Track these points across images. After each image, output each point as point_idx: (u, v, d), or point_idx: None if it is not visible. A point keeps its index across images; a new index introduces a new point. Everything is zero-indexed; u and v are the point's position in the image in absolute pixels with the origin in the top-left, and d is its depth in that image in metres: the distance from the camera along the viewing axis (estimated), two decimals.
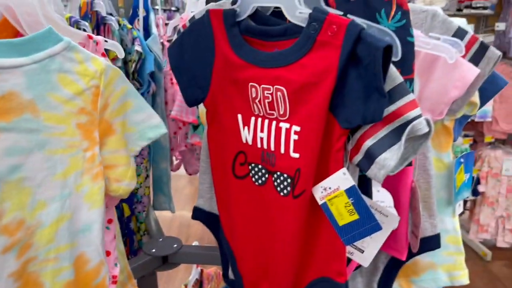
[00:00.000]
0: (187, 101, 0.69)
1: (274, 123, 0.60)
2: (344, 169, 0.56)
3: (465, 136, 2.53)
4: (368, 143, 0.55)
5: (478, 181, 2.45)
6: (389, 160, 0.54)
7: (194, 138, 1.18)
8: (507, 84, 0.76)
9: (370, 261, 0.66)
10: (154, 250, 0.99)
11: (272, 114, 0.60)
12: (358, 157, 0.57)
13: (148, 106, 0.64)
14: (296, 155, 0.59)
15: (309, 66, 0.56)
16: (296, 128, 0.58)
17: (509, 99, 2.33)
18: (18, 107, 0.52)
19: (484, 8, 2.23)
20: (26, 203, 0.53)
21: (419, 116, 0.52)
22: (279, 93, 0.58)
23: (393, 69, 0.53)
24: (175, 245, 1.01)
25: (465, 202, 2.61)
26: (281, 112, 0.59)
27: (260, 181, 0.65)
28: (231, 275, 0.78)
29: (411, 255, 0.75)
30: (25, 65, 0.53)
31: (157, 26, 1.15)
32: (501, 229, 2.50)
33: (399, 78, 0.54)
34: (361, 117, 0.54)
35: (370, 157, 0.55)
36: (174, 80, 1.17)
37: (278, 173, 0.62)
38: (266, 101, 0.60)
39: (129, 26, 1.04)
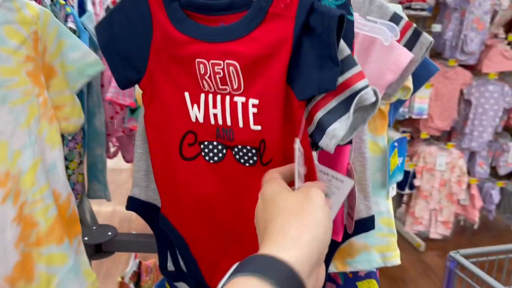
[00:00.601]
0: (119, 84, 0.65)
1: (227, 98, 0.59)
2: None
3: (403, 132, 2.65)
4: (319, 114, 0.56)
5: (414, 176, 2.58)
6: (338, 130, 0.55)
7: (131, 122, 1.14)
8: (441, 83, 0.80)
9: None
10: (86, 238, 0.94)
11: (225, 89, 0.59)
12: (311, 128, 0.57)
13: (82, 44, 0.66)
14: (258, 127, 0.58)
15: (261, 39, 0.55)
16: (254, 101, 0.57)
17: (443, 97, 2.47)
18: None
19: (423, 9, 2.34)
20: (6, 155, 0.56)
21: (366, 87, 0.54)
22: (231, 68, 0.57)
23: (341, 42, 0.54)
24: (110, 233, 0.97)
25: (401, 196, 2.73)
26: (235, 87, 0.58)
27: (216, 158, 0.63)
28: (170, 266, 0.75)
29: (346, 236, 0.76)
30: None
31: (93, 4, 1.09)
32: (434, 221, 2.64)
33: (347, 50, 0.55)
34: (316, 87, 0.54)
35: (322, 128, 0.56)
36: None
37: (240, 146, 0.61)
38: (217, 76, 0.58)
39: (62, 2, 0.97)
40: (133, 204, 0.75)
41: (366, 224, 0.77)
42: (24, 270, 0.59)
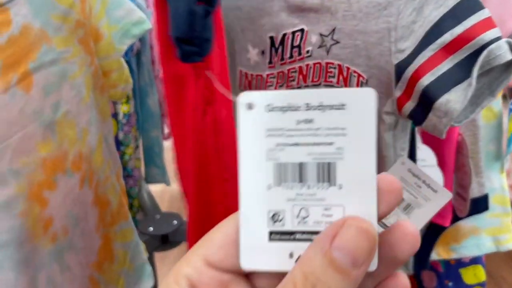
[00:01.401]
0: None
1: None
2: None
3: None
4: (425, 81, 0.42)
5: None
6: (453, 103, 0.41)
7: None
8: None
9: None
10: (151, 229, 0.88)
11: None
12: (410, 105, 0.44)
13: (125, 1, 0.59)
14: None
15: None
16: None
17: None
18: (36, 41, 0.45)
19: None
20: (76, 135, 0.51)
21: (497, 39, 0.40)
22: None
23: None
24: (175, 222, 0.90)
25: None
26: None
27: None
28: None
29: (453, 220, 0.65)
30: None
31: None
32: None
33: None
34: None
35: (427, 101, 0.42)
36: None
37: None
38: None
39: None
40: None
41: (478, 205, 0.67)
42: (106, 252, 0.58)
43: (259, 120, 0.21)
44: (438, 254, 0.73)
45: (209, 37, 0.32)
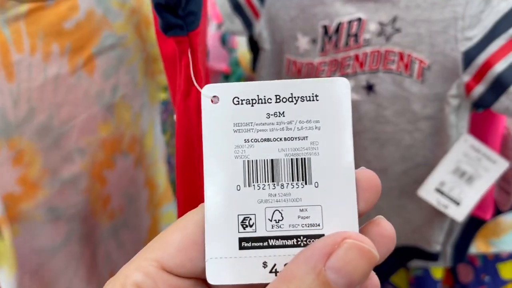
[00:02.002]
0: None
1: None
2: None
3: None
4: (498, 68, 0.44)
5: None
6: None
7: None
8: None
9: (465, 216, 0.56)
10: None
11: None
12: (479, 89, 0.46)
13: None
14: None
15: None
16: None
17: None
18: (98, 26, 0.46)
19: None
20: (130, 119, 0.52)
21: None
22: None
23: None
24: None
25: None
26: None
27: None
28: None
29: (495, 214, 0.65)
30: None
31: None
32: None
33: None
34: None
35: (501, 86, 0.45)
36: None
37: None
38: None
39: None
40: None
41: None
42: (154, 232, 0.60)
43: (225, 114, 0.19)
44: (477, 247, 0.73)
45: (195, 10, 0.28)
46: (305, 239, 0.18)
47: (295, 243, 0.18)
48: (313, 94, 0.19)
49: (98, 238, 0.47)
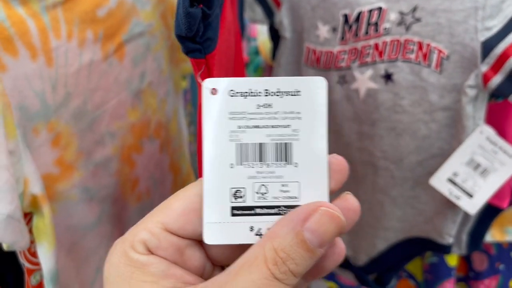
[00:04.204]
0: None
1: None
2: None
3: None
4: None
5: None
6: None
7: None
8: None
9: (478, 209, 0.57)
10: None
11: None
12: (497, 79, 0.46)
13: None
14: None
15: None
16: None
17: None
18: (128, 14, 0.48)
19: None
20: (156, 105, 0.53)
21: None
22: None
23: None
24: None
25: None
26: None
27: None
28: None
29: (511, 202, 0.65)
30: None
31: None
32: None
33: None
34: None
35: None
36: None
37: None
38: None
39: None
40: None
41: None
42: None
43: (222, 104, 0.22)
44: (492, 236, 0.74)
45: (212, 37, 0.33)
46: (285, 208, 0.22)
47: (277, 212, 0.22)
48: (296, 90, 0.22)
49: (127, 219, 0.49)
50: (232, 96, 0.22)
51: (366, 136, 0.55)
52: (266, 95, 0.22)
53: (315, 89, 0.22)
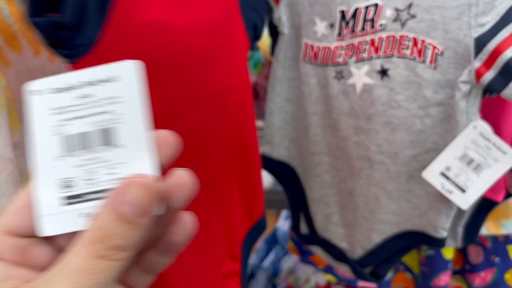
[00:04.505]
0: None
1: None
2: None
3: None
4: (509, 53, 0.45)
5: None
6: None
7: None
8: None
9: (471, 204, 0.57)
10: None
11: None
12: (490, 75, 0.47)
13: None
14: None
15: None
16: None
17: None
18: None
19: None
20: None
21: None
22: None
23: None
24: None
25: None
26: None
27: None
28: (303, 229, 0.71)
29: (506, 196, 0.66)
30: None
31: None
32: None
33: None
34: None
35: (510, 71, 0.46)
36: None
37: None
38: None
39: None
40: (264, 162, 0.70)
41: None
42: None
43: (43, 102, 0.23)
44: (487, 229, 0.74)
45: (81, 42, 0.34)
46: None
47: (106, 195, 0.22)
48: (110, 76, 0.23)
49: None
50: (51, 93, 0.23)
51: (362, 131, 0.56)
52: (81, 87, 0.23)
53: (128, 72, 0.23)
